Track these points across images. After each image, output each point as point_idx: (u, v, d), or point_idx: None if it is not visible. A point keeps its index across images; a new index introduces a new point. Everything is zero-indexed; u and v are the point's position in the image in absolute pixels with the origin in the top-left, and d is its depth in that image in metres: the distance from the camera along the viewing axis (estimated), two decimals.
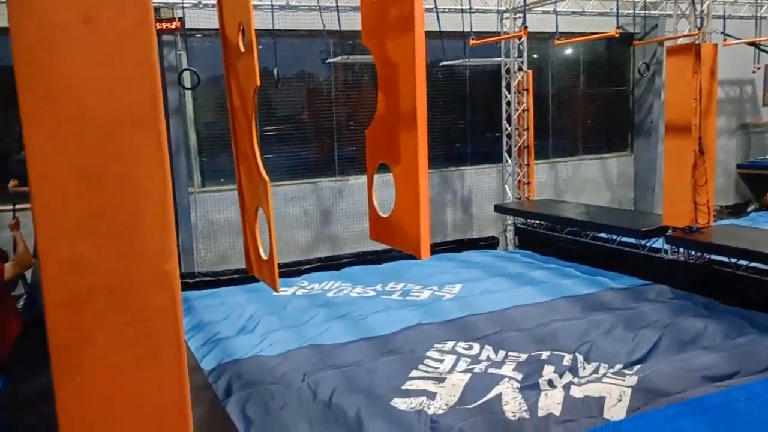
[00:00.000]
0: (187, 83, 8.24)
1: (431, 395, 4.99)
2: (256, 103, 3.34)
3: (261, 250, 3.59)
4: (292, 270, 9.03)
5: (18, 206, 6.42)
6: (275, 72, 8.01)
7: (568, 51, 11.76)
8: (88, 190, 2.01)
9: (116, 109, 2.01)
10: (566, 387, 4.99)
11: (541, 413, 4.66)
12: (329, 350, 5.96)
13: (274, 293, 7.75)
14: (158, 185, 2.13)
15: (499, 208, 10.30)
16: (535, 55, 11.10)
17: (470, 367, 5.52)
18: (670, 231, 7.64)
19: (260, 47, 7.57)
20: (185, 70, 8.12)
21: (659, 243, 8.06)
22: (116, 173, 2.03)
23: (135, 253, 2.08)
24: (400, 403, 4.91)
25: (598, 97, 12.25)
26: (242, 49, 3.18)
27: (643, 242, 8.20)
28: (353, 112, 10.04)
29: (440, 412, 4.75)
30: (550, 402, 4.79)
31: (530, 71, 10.21)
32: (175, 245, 2.22)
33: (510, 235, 10.75)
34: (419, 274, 8.36)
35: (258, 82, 3.11)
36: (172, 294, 2.17)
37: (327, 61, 9.22)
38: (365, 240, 9.72)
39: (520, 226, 10.54)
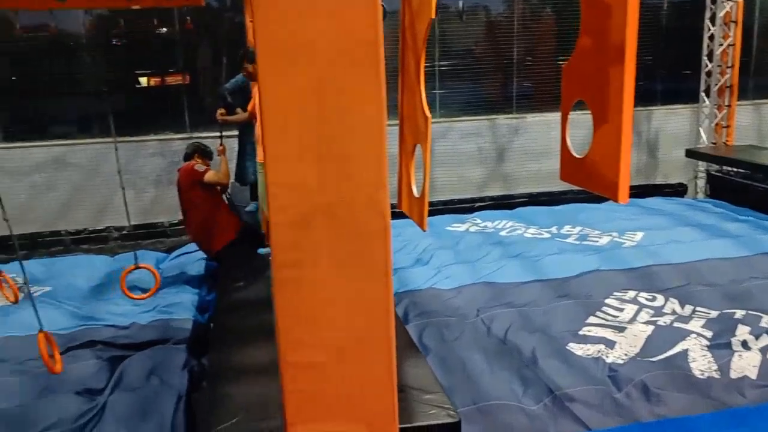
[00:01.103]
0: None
1: (610, 343, 4.84)
2: (428, 37, 3.26)
3: (414, 188, 3.60)
4: (465, 207, 9.07)
5: (224, 134, 7.06)
6: (460, 4, 7.85)
7: None
8: (311, 119, 2.13)
9: (340, 41, 2.07)
10: (764, 350, 4.61)
11: (733, 375, 4.36)
12: (503, 288, 5.96)
13: (447, 228, 7.89)
14: (375, 118, 2.19)
15: (691, 153, 9.50)
16: None
17: (653, 318, 5.26)
18: None
19: None
20: None
21: None
22: (337, 104, 2.11)
23: (351, 181, 2.18)
24: (576, 348, 4.82)
25: None
26: None
27: None
28: (533, 48, 9.64)
29: (619, 361, 4.61)
30: (745, 364, 4.45)
31: (740, 0, 9.11)
32: (386, 176, 2.29)
33: (701, 182, 9.93)
34: (596, 219, 8.03)
35: (433, 14, 3.03)
36: (383, 220, 2.26)
37: None
38: (540, 180, 9.55)
39: (713, 173, 9.67)
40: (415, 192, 3.08)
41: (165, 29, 8.50)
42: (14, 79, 8.30)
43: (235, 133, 7.16)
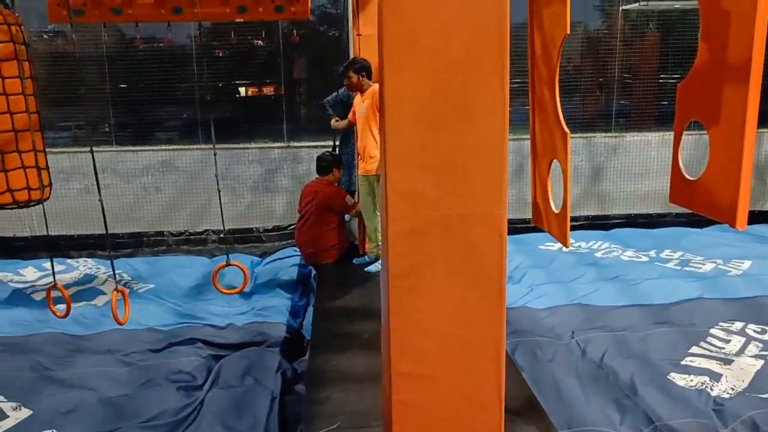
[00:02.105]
0: None
1: (715, 376, 4.60)
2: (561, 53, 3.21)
3: (552, 204, 3.53)
4: None
5: (319, 144, 7.26)
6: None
7: None
8: (432, 128, 2.14)
9: (466, 53, 2.08)
10: None
11: None
12: (599, 311, 5.78)
13: (540, 247, 7.74)
14: (498, 132, 2.19)
15: None
16: None
17: (763, 353, 4.96)
18: None
19: None
20: None
21: None
22: (459, 112, 2.12)
23: (469, 195, 2.18)
24: (678, 379, 4.60)
25: None
26: None
27: None
28: (634, 65, 9.35)
29: (725, 395, 4.36)
30: None
31: None
32: (506, 193, 2.28)
33: None
34: (699, 244, 7.66)
35: (568, 30, 3.00)
36: (500, 238, 2.25)
37: (622, 8, 8.65)
38: (637, 201, 9.23)
39: None
40: (554, 208, 3.03)
41: (263, 41, 8.81)
42: (125, 86, 8.81)
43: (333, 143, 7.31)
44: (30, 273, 7.38)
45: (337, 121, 6.97)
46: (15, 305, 6.33)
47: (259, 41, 8.85)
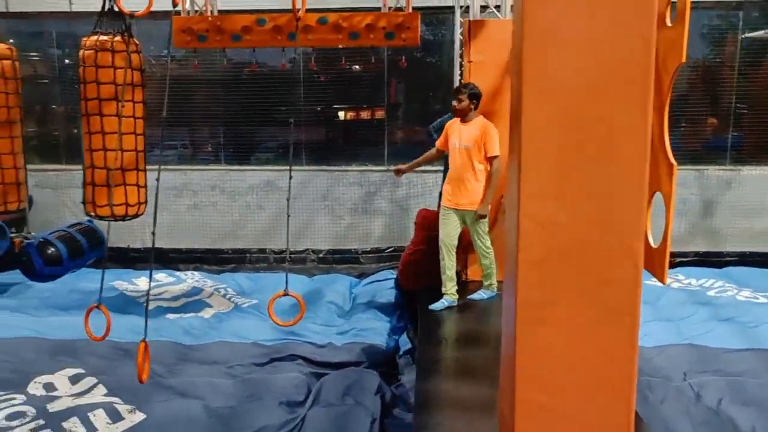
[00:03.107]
0: None
1: None
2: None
3: (651, 238, 3.37)
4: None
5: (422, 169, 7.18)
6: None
7: None
8: (570, 156, 2.10)
9: (608, 76, 2.03)
10: None
11: None
12: (712, 353, 5.46)
13: (646, 282, 7.42)
14: (638, 159, 2.12)
15: None
16: None
17: None
18: None
19: None
20: None
21: None
22: (599, 140, 2.07)
23: (605, 225, 2.12)
24: None
25: None
26: (669, 23, 2.93)
27: None
28: (753, 95, 8.87)
29: None
30: None
31: None
32: (645, 225, 2.20)
33: None
34: None
35: (683, 59, 2.86)
36: (636, 271, 2.17)
37: (745, 36, 8.27)
38: (752, 239, 8.69)
39: None
40: (652, 242, 2.92)
41: (367, 66, 8.99)
42: (235, 109, 9.20)
43: (433, 168, 7.29)
44: (143, 283, 7.78)
45: (401, 169, 6.80)
46: (129, 312, 6.68)
47: (363, 66, 9.05)
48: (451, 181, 5.66)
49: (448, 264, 5.64)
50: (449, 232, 5.67)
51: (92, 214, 5.28)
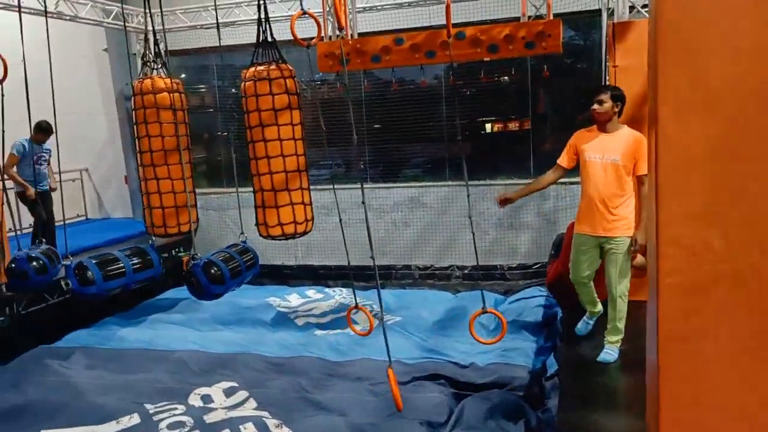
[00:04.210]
0: None
1: None
2: None
3: None
4: None
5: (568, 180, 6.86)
6: None
7: None
8: (719, 175, 1.86)
9: (756, 87, 1.78)
10: None
11: None
12: None
13: None
14: None
15: None
16: None
17: None
18: None
19: None
20: None
21: None
22: (751, 159, 1.82)
23: (766, 246, 1.85)
24: None
25: None
26: None
27: None
28: None
29: None
30: None
31: None
32: None
33: None
34: None
35: None
36: None
37: None
38: None
39: None
40: None
41: (510, 77, 8.78)
42: (379, 127, 9.37)
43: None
44: (294, 299, 8.13)
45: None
46: (280, 328, 7.01)
47: (506, 77, 8.86)
48: (590, 202, 4.72)
49: (586, 298, 5.04)
50: (582, 268, 4.90)
51: (264, 234, 5.59)
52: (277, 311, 7.65)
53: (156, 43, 6.15)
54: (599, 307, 5.18)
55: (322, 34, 6.63)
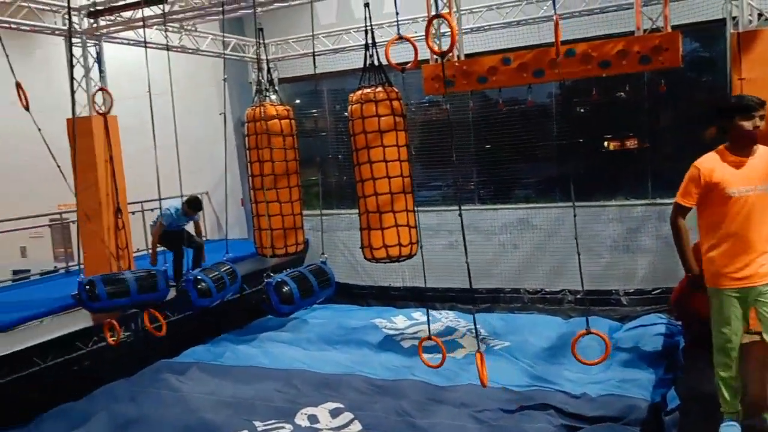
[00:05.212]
0: None
1: None
2: None
3: None
4: None
5: None
6: None
7: None
8: None
9: None
10: None
11: None
12: None
13: None
14: None
15: None
16: None
17: None
18: None
19: None
20: None
21: None
22: None
23: None
24: None
25: None
26: None
27: None
28: None
29: None
30: None
31: None
32: None
33: None
34: None
35: None
36: None
37: None
38: None
39: None
40: None
41: (625, 93, 8.37)
42: (488, 147, 9.22)
43: None
44: (400, 321, 8.12)
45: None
46: (386, 350, 7.00)
47: (621, 93, 8.46)
48: (735, 244, 3.68)
49: (725, 379, 3.79)
50: (732, 329, 3.73)
51: (368, 257, 5.60)
52: (383, 333, 7.66)
53: (269, 71, 6.40)
54: (735, 402, 3.86)
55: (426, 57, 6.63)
